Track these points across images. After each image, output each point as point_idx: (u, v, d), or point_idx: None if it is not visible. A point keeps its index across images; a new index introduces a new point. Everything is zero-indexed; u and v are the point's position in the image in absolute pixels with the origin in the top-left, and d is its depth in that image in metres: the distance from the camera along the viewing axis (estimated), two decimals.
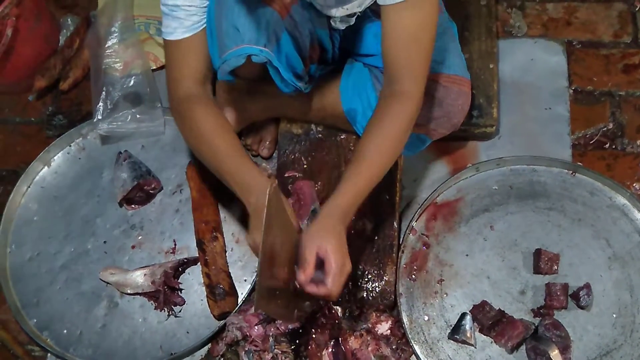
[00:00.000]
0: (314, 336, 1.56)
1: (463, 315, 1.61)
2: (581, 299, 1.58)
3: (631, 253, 1.65)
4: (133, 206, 1.86)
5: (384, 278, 1.65)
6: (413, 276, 1.68)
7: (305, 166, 1.77)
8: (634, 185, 1.80)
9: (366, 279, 1.65)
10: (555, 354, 1.51)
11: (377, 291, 1.65)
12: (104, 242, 1.83)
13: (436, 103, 1.58)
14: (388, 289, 1.64)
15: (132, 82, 1.95)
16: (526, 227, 1.70)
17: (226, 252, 1.76)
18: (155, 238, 1.82)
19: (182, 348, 1.67)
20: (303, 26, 1.45)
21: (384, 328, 1.60)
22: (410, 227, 1.72)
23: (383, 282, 1.65)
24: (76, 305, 1.77)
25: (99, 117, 1.91)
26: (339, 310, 1.60)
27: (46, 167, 1.96)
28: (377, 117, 1.39)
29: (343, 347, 1.56)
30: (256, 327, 1.58)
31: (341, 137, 1.79)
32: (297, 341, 1.56)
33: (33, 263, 1.83)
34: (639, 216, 1.69)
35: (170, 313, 1.72)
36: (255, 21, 1.37)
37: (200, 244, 1.74)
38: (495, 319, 1.58)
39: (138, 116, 1.91)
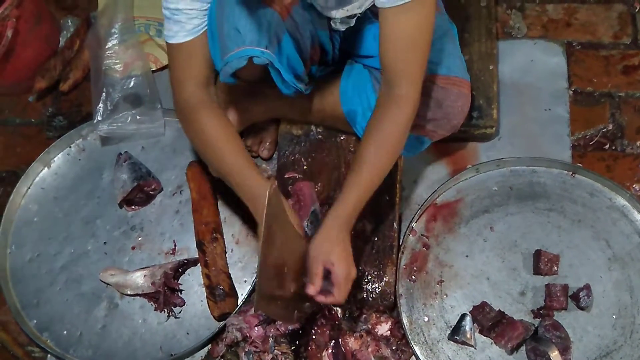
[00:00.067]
0: (314, 337, 1.56)
1: (463, 316, 1.61)
2: (581, 300, 1.58)
3: (631, 254, 1.65)
4: (133, 207, 1.86)
5: (384, 279, 1.65)
6: (413, 277, 1.68)
7: (305, 167, 1.77)
8: (634, 186, 1.80)
9: (366, 280, 1.65)
10: (555, 355, 1.51)
11: (377, 292, 1.65)
12: (104, 243, 1.83)
13: (436, 105, 1.58)
14: (388, 290, 1.64)
15: (132, 84, 1.95)
16: (526, 228, 1.70)
17: (226, 253, 1.76)
18: (155, 239, 1.82)
19: (182, 349, 1.67)
20: (304, 27, 1.45)
21: (384, 329, 1.60)
22: (410, 228, 1.72)
23: (383, 283, 1.65)
24: (76, 306, 1.77)
25: (99, 119, 1.91)
26: (339, 311, 1.60)
27: (46, 168, 1.96)
28: (376, 121, 1.40)
29: (343, 348, 1.56)
30: (256, 328, 1.58)
31: (341, 138, 1.79)
32: (297, 342, 1.56)
33: (33, 264, 1.83)
34: (639, 217, 1.69)
35: (170, 314, 1.72)
36: (256, 23, 1.37)
37: (200, 245, 1.74)
38: (495, 320, 1.58)
39: (138, 117, 1.91)
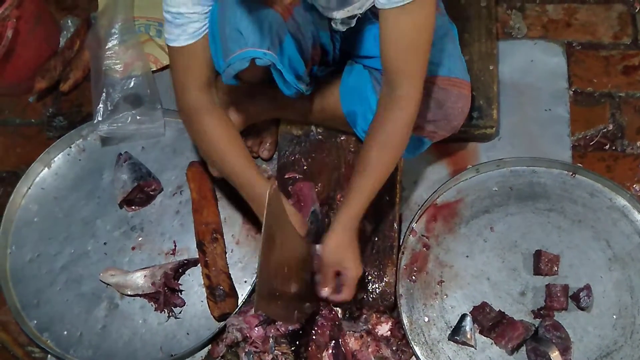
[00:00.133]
0: (314, 337, 1.56)
1: (463, 316, 1.61)
2: (581, 300, 1.58)
3: (631, 254, 1.65)
4: (133, 207, 1.86)
5: (384, 279, 1.65)
6: (413, 277, 1.68)
7: (305, 167, 1.77)
8: (634, 186, 1.80)
9: (366, 281, 1.65)
10: (555, 355, 1.51)
11: (377, 292, 1.65)
12: (104, 244, 1.83)
13: (436, 106, 1.58)
14: (388, 290, 1.64)
15: (133, 84, 1.95)
16: (526, 229, 1.70)
17: (226, 254, 1.76)
18: (155, 239, 1.82)
19: (182, 349, 1.67)
20: (305, 28, 1.45)
21: (384, 329, 1.60)
22: (410, 229, 1.72)
23: (383, 284, 1.65)
24: (76, 306, 1.77)
25: (99, 119, 1.90)
26: (339, 311, 1.60)
27: (46, 169, 1.96)
28: (378, 123, 1.41)
29: (343, 349, 1.56)
30: (256, 329, 1.58)
31: (341, 139, 1.79)
32: (297, 342, 1.55)
33: (33, 264, 1.83)
34: (639, 217, 1.69)
35: (170, 314, 1.72)
36: (258, 24, 1.37)
37: (200, 246, 1.74)
38: (495, 320, 1.58)
39: (138, 118, 1.91)
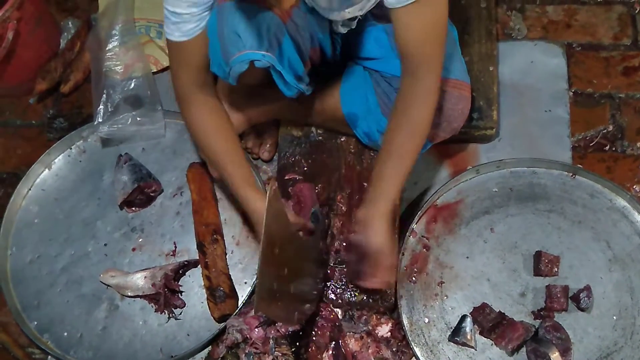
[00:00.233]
0: (314, 338, 1.56)
1: (463, 317, 1.61)
2: (581, 301, 1.58)
3: (631, 255, 1.65)
4: (133, 209, 1.86)
5: None
6: (413, 278, 1.68)
7: (305, 169, 1.77)
8: (634, 187, 1.80)
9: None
10: (555, 356, 1.51)
11: (378, 293, 1.64)
12: (105, 245, 1.83)
13: (437, 107, 1.58)
14: (388, 291, 1.64)
15: (133, 85, 1.95)
16: (526, 230, 1.70)
17: (226, 255, 1.76)
18: (155, 240, 1.82)
19: (183, 350, 1.67)
20: (304, 30, 1.45)
21: (384, 330, 1.60)
22: (410, 230, 1.72)
23: None
24: (77, 307, 1.77)
25: (100, 120, 1.91)
26: (339, 312, 1.60)
27: (47, 170, 1.96)
28: (402, 113, 1.42)
29: (343, 350, 1.56)
30: (256, 330, 1.58)
31: (341, 140, 1.79)
32: (298, 343, 1.55)
33: (34, 265, 1.83)
34: (639, 218, 1.69)
35: (170, 315, 1.72)
36: (255, 27, 1.37)
37: (200, 247, 1.74)
38: (495, 321, 1.58)
39: (138, 119, 1.91)
